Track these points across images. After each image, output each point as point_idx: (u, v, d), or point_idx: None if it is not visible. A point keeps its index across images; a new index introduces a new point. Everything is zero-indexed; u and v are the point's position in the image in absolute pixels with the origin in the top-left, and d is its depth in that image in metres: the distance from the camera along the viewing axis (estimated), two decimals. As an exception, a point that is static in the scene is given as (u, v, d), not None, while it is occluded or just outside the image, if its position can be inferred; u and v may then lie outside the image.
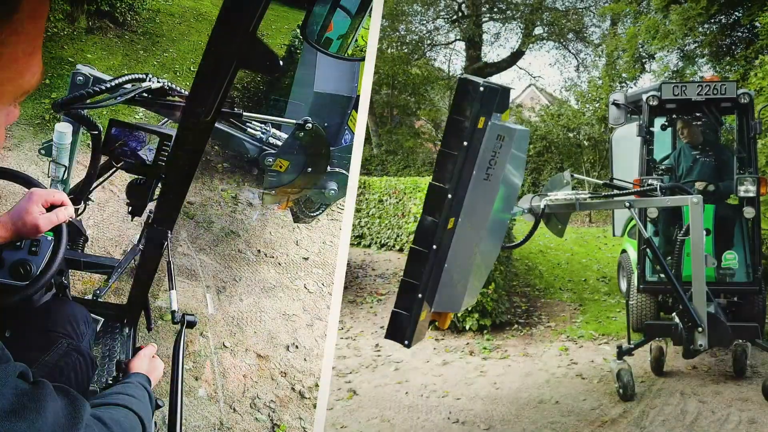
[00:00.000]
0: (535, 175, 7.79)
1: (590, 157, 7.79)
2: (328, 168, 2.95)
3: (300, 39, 5.23)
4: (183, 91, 2.33)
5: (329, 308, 4.14)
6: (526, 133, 2.64)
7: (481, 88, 2.29)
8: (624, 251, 5.19)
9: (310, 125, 2.68)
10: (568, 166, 7.48)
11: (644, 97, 4.13)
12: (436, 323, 2.75)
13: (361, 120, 3.47)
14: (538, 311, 5.16)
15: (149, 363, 1.69)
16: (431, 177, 2.50)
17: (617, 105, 4.17)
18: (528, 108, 8.75)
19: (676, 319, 3.46)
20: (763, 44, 5.97)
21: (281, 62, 1.38)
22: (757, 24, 6.15)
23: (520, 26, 8.41)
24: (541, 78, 8.85)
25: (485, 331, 4.65)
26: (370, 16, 3.67)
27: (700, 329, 3.32)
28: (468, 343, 4.55)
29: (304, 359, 3.86)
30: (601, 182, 3.82)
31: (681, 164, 4.43)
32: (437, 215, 2.39)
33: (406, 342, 2.47)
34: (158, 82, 2.22)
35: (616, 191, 3.71)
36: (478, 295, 4.44)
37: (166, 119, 2.44)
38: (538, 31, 8.49)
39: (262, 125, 2.72)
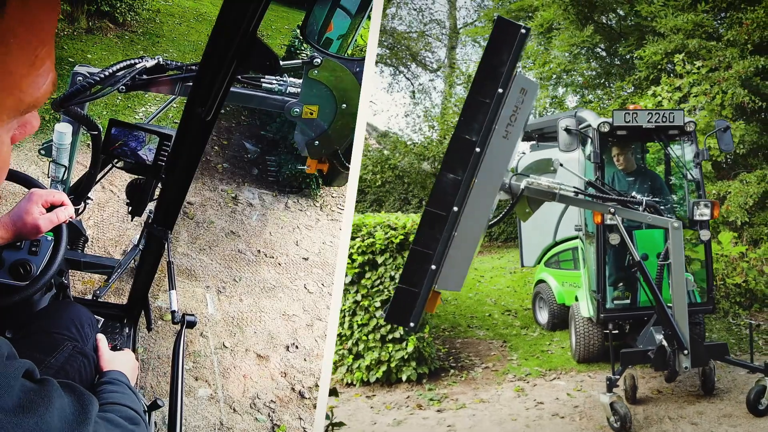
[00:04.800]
0: (376, 207, 7.21)
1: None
2: None
3: (300, 39, 5.23)
4: (180, 63, 2.31)
5: (329, 308, 4.14)
6: (537, 91, 2.28)
7: (523, 31, 2.01)
8: (542, 281, 5.15)
9: (318, 60, 2.43)
10: (423, 195, 7.01)
11: (595, 124, 4.15)
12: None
13: (361, 119, 3.47)
14: (463, 352, 4.77)
15: (115, 357, 1.69)
16: (455, 129, 2.07)
17: (568, 131, 4.12)
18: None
19: (664, 342, 3.44)
20: (641, 76, 6.05)
21: (281, 62, 1.38)
22: (633, 56, 6.22)
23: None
24: (373, 103, 8.34)
25: (423, 380, 4.17)
26: (369, 16, 3.67)
27: (685, 351, 3.36)
28: (408, 396, 4.06)
29: (304, 359, 3.86)
30: (585, 179, 3.77)
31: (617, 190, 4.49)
32: (461, 172, 2.04)
33: (411, 324, 2.13)
34: (152, 59, 2.20)
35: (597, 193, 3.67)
36: (415, 340, 4.08)
37: (176, 95, 2.40)
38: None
39: (276, 77, 2.56)
